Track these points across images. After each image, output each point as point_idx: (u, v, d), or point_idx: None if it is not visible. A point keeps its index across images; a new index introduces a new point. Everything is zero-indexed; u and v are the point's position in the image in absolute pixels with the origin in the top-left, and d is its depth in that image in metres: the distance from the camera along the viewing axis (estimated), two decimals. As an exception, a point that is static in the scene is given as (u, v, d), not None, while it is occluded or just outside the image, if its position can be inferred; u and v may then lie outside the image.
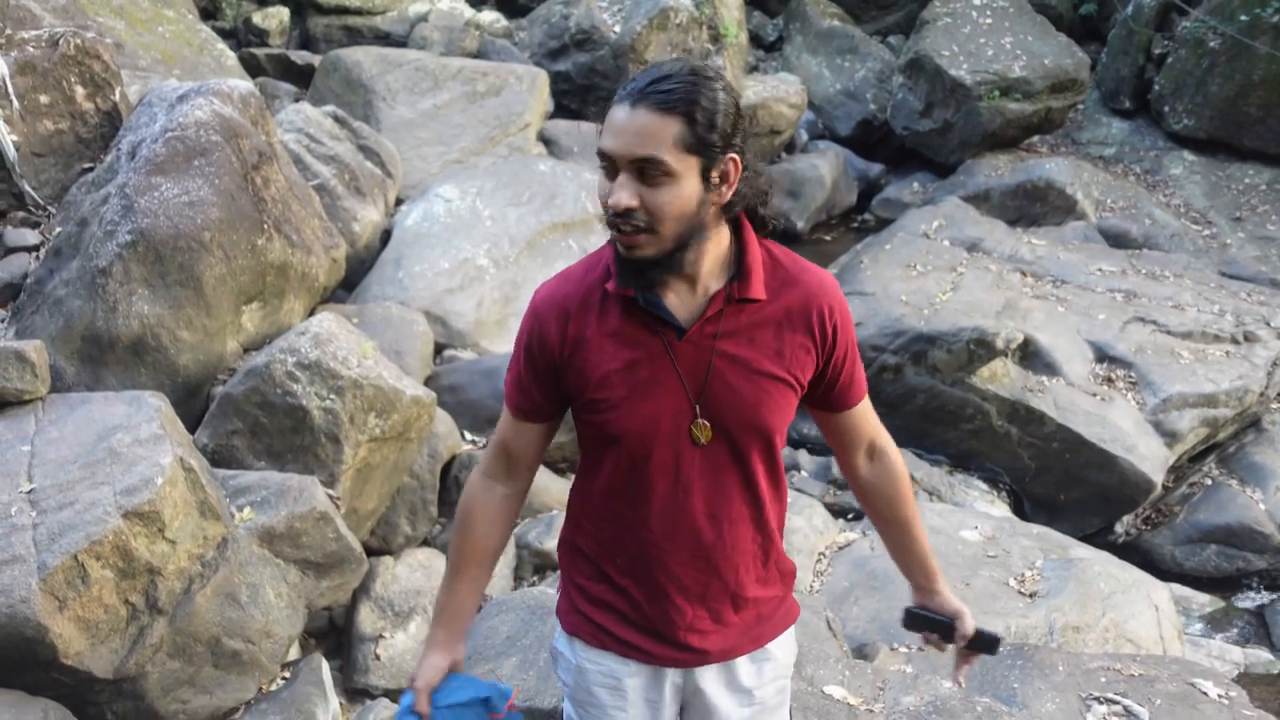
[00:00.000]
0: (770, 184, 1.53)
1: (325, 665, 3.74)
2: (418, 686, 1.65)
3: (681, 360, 1.49)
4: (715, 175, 1.41)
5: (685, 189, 1.38)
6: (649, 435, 1.51)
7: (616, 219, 1.40)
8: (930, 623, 1.78)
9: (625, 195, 1.37)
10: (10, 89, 4.54)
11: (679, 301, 1.49)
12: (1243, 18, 9.10)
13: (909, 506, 1.75)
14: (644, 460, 1.53)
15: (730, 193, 1.44)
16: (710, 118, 1.37)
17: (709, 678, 1.64)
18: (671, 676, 1.65)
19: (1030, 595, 3.79)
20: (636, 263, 1.43)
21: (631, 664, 1.64)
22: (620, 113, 1.38)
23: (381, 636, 3.98)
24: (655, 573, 1.58)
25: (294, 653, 3.79)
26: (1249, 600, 5.21)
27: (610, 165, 1.40)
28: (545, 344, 1.56)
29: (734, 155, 1.42)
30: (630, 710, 1.66)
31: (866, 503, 1.77)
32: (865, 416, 1.69)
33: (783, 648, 1.71)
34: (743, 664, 1.66)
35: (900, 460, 1.75)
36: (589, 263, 1.58)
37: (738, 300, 1.49)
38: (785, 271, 1.54)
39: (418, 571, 4.19)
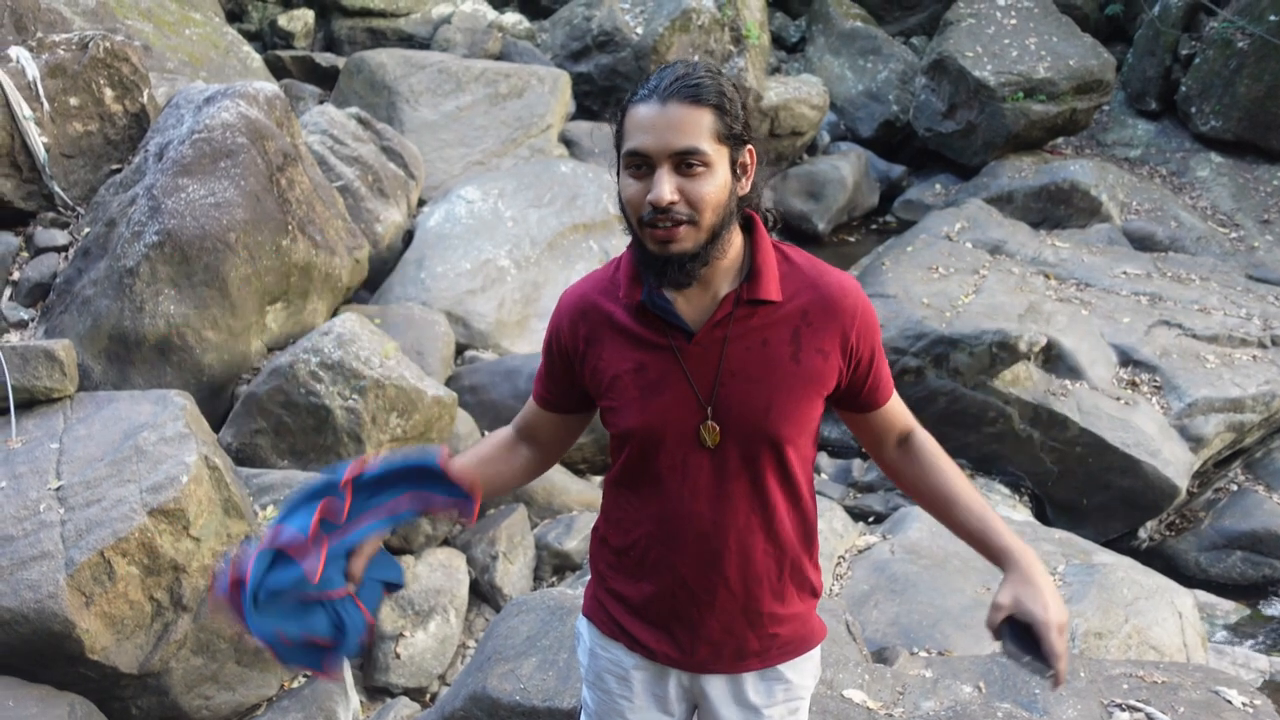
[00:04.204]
0: (761, 178, 1.53)
1: (346, 663, 3.77)
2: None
3: (690, 363, 1.48)
4: (739, 166, 1.44)
5: (720, 178, 1.40)
6: (656, 434, 1.51)
7: (657, 215, 1.39)
8: (1018, 657, 1.40)
9: (668, 190, 1.37)
10: (41, 91, 4.61)
11: (688, 305, 1.49)
12: (1272, 18, 9.00)
13: (948, 472, 1.61)
14: (651, 459, 1.53)
15: (749, 183, 1.46)
16: (735, 108, 1.41)
17: (715, 686, 1.62)
18: (677, 676, 1.63)
19: (1052, 600, 3.77)
20: (677, 258, 1.41)
21: (638, 658, 1.64)
22: (649, 110, 1.39)
23: (402, 635, 4.01)
24: (664, 573, 1.57)
25: (316, 650, 3.82)
26: (1275, 607, 5.15)
27: (643, 164, 1.40)
28: (562, 344, 1.61)
29: (750, 146, 1.45)
30: (636, 701, 1.66)
31: (905, 485, 1.67)
32: (893, 411, 1.64)
33: (798, 670, 1.64)
34: (750, 679, 1.61)
35: (929, 437, 1.66)
36: (614, 264, 1.59)
37: (748, 302, 1.48)
38: (802, 274, 1.51)
39: (438, 571, 4.22)
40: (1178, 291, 6.60)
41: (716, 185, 1.39)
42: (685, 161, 1.38)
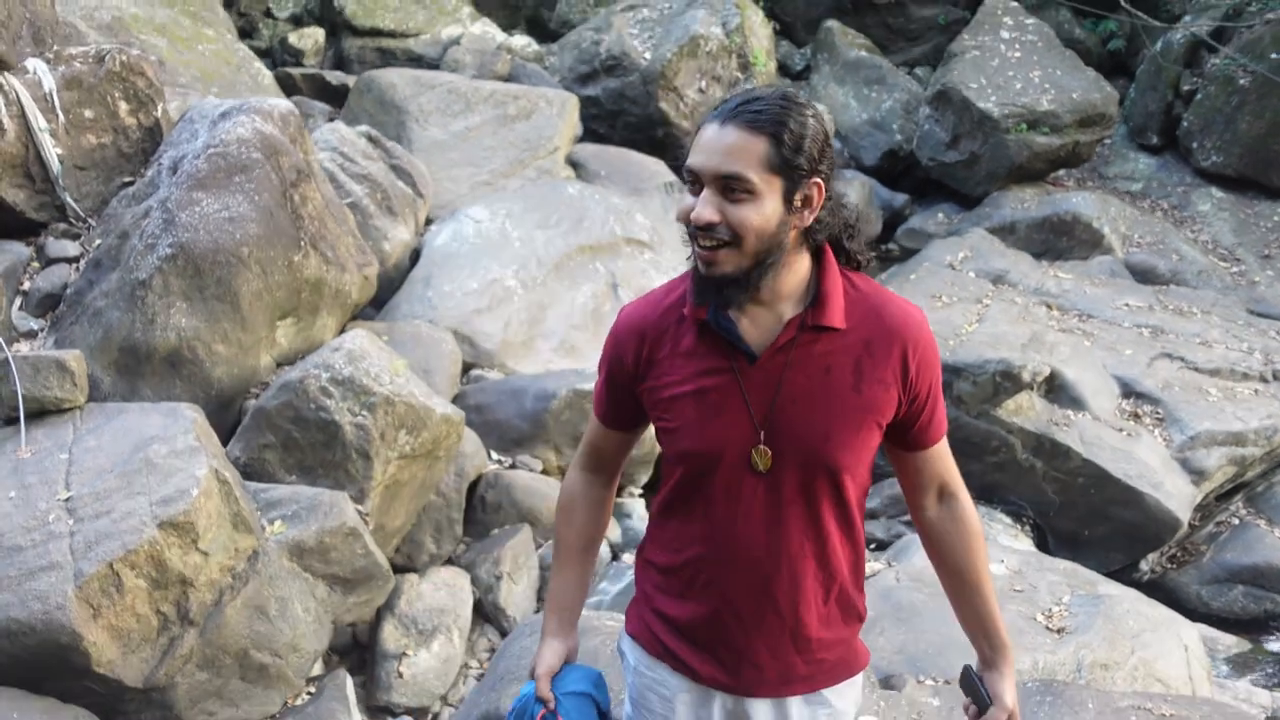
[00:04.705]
0: (857, 218, 1.54)
1: (349, 682, 3.75)
2: (539, 674, 1.70)
3: (750, 386, 1.49)
4: (798, 198, 1.43)
5: (766, 208, 1.40)
6: (711, 457, 1.51)
7: (698, 233, 1.42)
8: (975, 693, 1.67)
9: (708, 210, 1.40)
10: (57, 103, 4.63)
11: (753, 327, 1.49)
12: (1273, 55, 9.09)
13: (978, 558, 1.66)
14: (705, 481, 1.54)
15: (812, 218, 1.46)
16: (798, 141, 1.40)
17: (759, 711, 1.62)
18: (721, 700, 1.63)
19: (1058, 631, 3.76)
20: (716, 280, 1.43)
21: (682, 679, 1.64)
22: (710, 130, 1.41)
23: (405, 654, 3.99)
24: (712, 596, 1.58)
25: (318, 668, 3.80)
26: (1277, 643, 5.14)
27: (695, 181, 1.43)
28: (622, 365, 1.61)
29: (818, 180, 1.44)
30: None
31: (932, 550, 1.71)
32: (941, 457, 1.64)
33: (842, 696, 1.65)
34: (795, 704, 1.62)
35: (972, 509, 1.68)
36: (670, 285, 1.61)
37: (812, 328, 1.48)
38: (868, 302, 1.52)
39: (442, 590, 4.20)
40: (1179, 324, 6.63)
41: (761, 214, 1.40)
42: (729, 186, 1.39)
